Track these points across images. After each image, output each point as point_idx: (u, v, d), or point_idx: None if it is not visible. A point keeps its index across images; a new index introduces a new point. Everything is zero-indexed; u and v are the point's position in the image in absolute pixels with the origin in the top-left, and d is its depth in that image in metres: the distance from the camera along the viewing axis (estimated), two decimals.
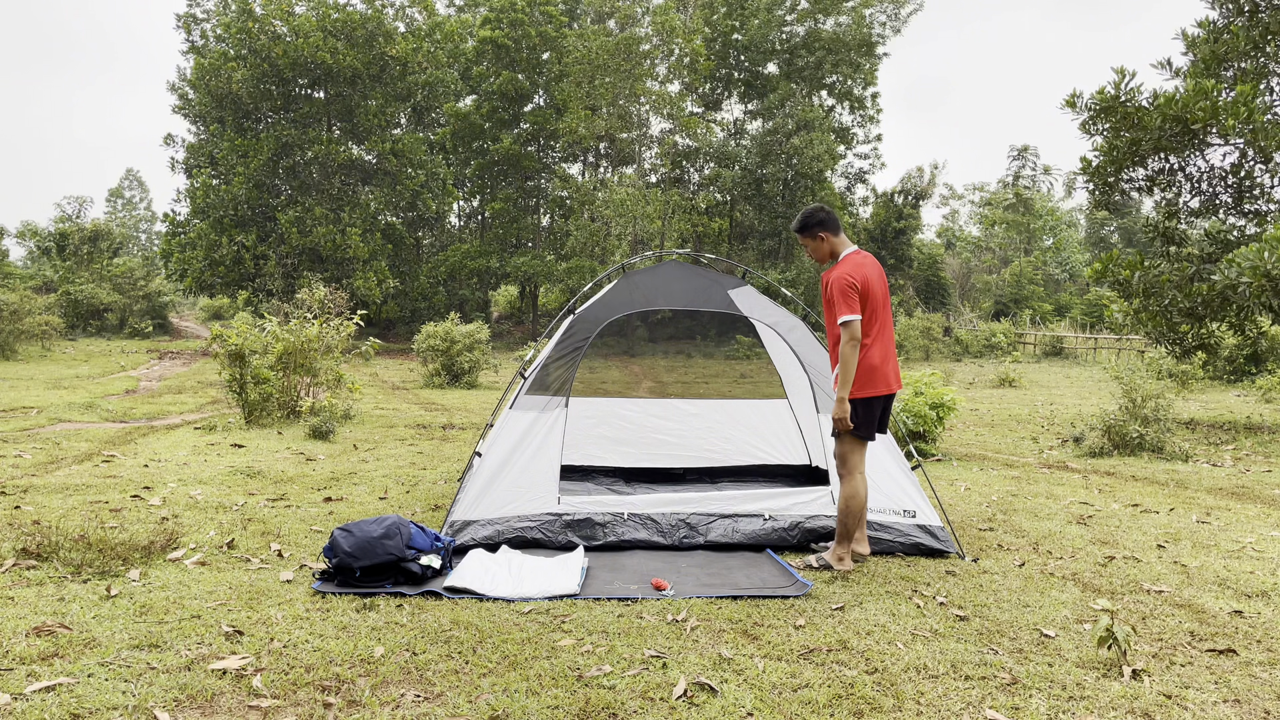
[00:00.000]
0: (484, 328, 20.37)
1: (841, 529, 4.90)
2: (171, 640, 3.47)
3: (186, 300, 52.86)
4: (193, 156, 36.96)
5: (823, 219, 5.01)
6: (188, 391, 16.47)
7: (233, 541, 5.02)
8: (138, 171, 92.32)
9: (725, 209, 41.71)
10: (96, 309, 37.37)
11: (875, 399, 4.83)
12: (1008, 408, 15.93)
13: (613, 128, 35.94)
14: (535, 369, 5.64)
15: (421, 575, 4.34)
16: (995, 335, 36.38)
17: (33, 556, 4.45)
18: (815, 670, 3.39)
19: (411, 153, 37.13)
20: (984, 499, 7.13)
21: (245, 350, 10.89)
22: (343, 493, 6.75)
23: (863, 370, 4.79)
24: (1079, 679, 3.37)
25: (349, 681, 3.18)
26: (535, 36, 38.16)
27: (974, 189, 58.68)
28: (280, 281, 33.22)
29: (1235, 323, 11.56)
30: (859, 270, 4.81)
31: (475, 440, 8.96)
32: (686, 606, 4.12)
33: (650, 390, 18.82)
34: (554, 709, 3.00)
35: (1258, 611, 4.27)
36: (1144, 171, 12.10)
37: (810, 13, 39.00)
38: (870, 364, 4.81)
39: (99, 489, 6.44)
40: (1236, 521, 6.38)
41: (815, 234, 5.03)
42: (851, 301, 4.71)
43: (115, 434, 9.98)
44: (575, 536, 5.17)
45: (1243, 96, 10.32)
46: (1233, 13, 12.06)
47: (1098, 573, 4.93)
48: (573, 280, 34.57)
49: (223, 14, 36.63)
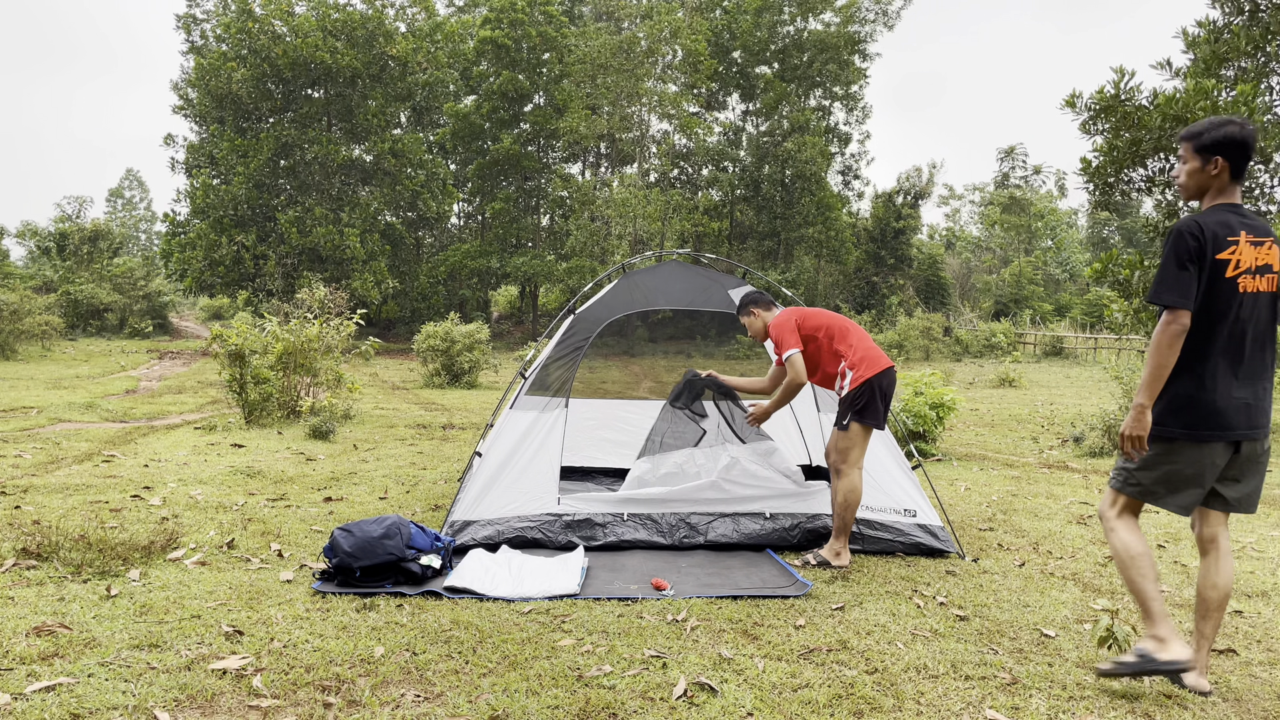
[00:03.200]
0: (484, 328, 20.37)
1: (840, 523, 4.92)
2: (171, 640, 3.47)
3: (186, 300, 52.83)
4: (193, 156, 36.95)
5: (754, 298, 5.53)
6: (188, 391, 16.47)
7: (233, 541, 5.02)
8: (138, 171, 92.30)
9: (725, 209, 41.73)
10: (96, 309, 37.35)
11: (873, 379, 4.93)
12: (1008, 408, 15.93)
13: (613, 127, 35.94)
14: (535, 369, 5.64)
15: (421, 575, 4.34)
16: (995, 335, 36.38)
17: (33, 556, 4.44)
18: (815, 670, 3.39)
19: (411, 153, 37.13)
20: (984, 499, 7.13)
21: (245, 350, 10.88)
22: (343, 493, 6.75)
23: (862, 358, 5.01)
24: (1079, 679, 3.37)
25: (349, 681, 3.18)
26: (535, 36, 38.17)
27: (974, 189, 58.74)
28: (280, 281, 33.22)
29: None
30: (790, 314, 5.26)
31: (475, 440, 8.96)
32: (686, 606, 4.12)
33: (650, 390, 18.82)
34: (554, 709, 3.00)
35: (1258, 611, 4.28)
36: (1144, 171, 12.10)
37: (799, 14, 39.06)
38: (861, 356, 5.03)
39: (99, 489, 6.44)
40: (1236, 521, 6.38)
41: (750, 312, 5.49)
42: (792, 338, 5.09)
43: (115, 434, 9.98)
44: (575, 536, 5.17)
45: (1243, 96, 10.31)
46: (1233, 12, 12.06)
47: (1098, 573, 4.93)
48: (573, 280, 34.58)
49: (222, 14, 36.62)
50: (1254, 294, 3.16)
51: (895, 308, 40.22)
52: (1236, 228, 3.17)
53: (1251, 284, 3.16)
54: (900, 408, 9.49)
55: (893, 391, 5.06)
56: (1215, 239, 3.13)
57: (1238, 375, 3.17)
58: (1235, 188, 3.26)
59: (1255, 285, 3.16)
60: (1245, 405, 3.18)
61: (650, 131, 38.20)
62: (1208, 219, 3.17)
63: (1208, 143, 3.22)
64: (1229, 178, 3.24)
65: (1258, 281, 3.17)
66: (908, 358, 31.26)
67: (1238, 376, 3.17)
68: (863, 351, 5.01)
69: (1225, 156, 3.21)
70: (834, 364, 5.11)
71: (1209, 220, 3.16)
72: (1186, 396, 3.17)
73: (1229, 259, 3.13)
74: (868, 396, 4.89)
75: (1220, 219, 3.17)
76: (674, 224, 35.09)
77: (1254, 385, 3.20)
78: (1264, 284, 3.18)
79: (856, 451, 4.91)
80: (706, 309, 6.22)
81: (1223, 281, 3.14)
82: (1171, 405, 3.19)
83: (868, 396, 4.89)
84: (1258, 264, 3.16)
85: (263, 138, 34.47)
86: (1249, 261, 3.15)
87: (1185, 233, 3.13)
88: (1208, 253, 3.12)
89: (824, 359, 5.17)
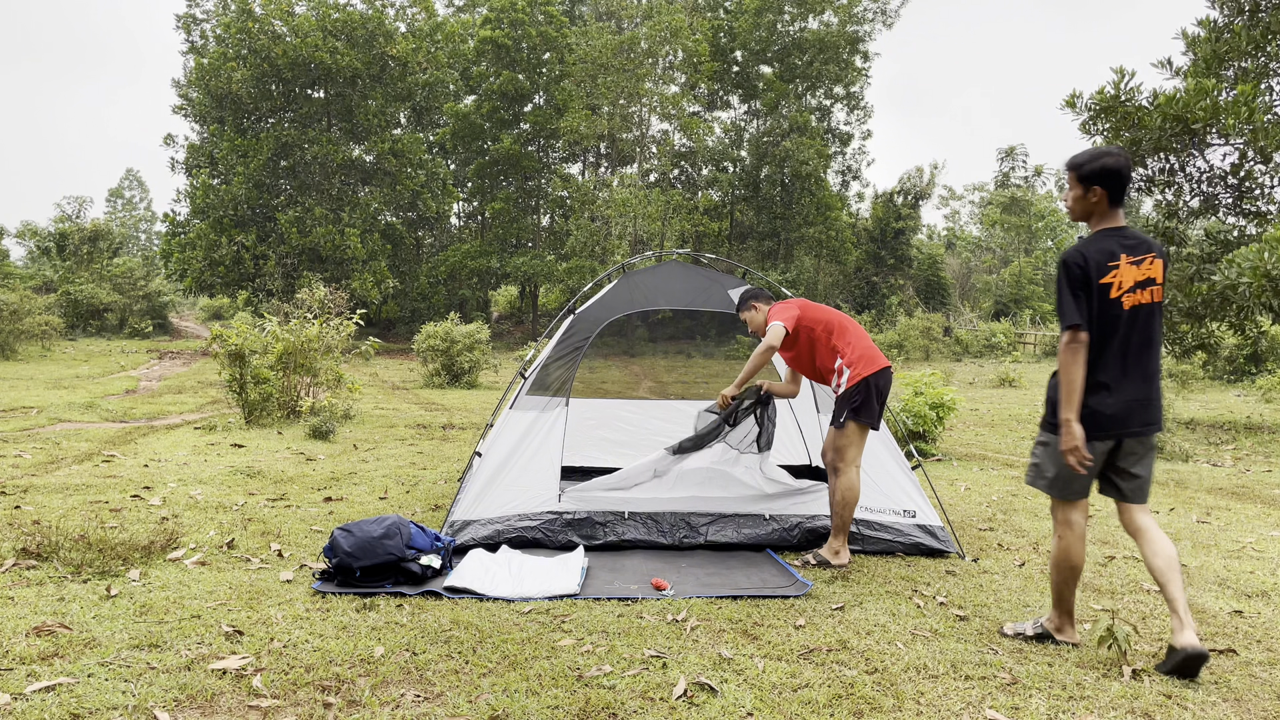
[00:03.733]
0: (484, 328, 20.37)
1: (838, 522, 4.93)
2: (171, 640, 3.47)
3: (186, 300, 52.84)
4: (193, 156, 36.95)
5: (755, 292, 5.56)
6: (188, 391, 16.47)
7: (233, 541, 5.02)
8: (138, 171, 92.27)
9: (725, 210, 41.73)
10: (96, 309, 37.35)
11: (870, 377, 4.91)
12: (1008, 408, 15.93)
13: (613, 127, 35.94)
14: (535, 369, 5.64)
15: (421, 575, 4.34)
16: (995, 335, 36.39)
17: (33, 556, 4.44)
18: (815, 670, 3.39)
19: (411, 153, 37.13)
20: (984, 499, 7.13)
21: (245, 350, 10.88)
22: (343, 493, 6.75)
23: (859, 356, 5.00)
24: (1079, 679, 3.37)
25: (349, 681, 3.18)
26: (535, 36, 38.16)
27: (974, 189, 58.73)
28: (280, 281, 33.21)
29: (1235, 323, 11.56)
30: (793, 303, 5.32)
31: (475, 440, 8.96)
32: (686, 606, 4.12)
33: (650, 390, 18.81)
34: (554, 709, 3.00)
35: (1258, 611, 4.28)
36: (1144, 171, 12.10)
37: (799, 15, 39.06)
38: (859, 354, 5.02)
39: (99, 489, 6.44)
40: (1236, 521, 6.39)
41: (750, 306, 5.50)
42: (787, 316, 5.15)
43: (115, 434, 9.98)
44: (575, 536, 5.17)
45: (1243, 96, 10.31)
46: (1233, 12, 12.06)
47: (1098, 573, 4.93)
48: (573, 280, 34.57)
49: (222, 14, 36.62)
50: (1136, 308, 3.50)
51: (895, 308, 40.22)
52: (1117, 252, 3.50)
53: (1135, 299, 3.50)
54: (900, 408, 9.49)
55: (889, 391, 5.06)
56: (1098, 266, 3.48)
57: (1130, 379, 3.52)
58: (1116, 212, 3.59)
59: (1138, 299, 3.50)
60: (1139, 403, 3.53)
61: (650, 131, 38.20)
62: (1090, 247, 3.52)
63: (1087, 173, 3.56)
64: (1108, 204, 3.57)
65: (1140, 295, 3.50)
66: (908, 358, 31.26)
67: (1130, 380, 3.52)
68: (860, 350, 5.01)
69: (1103, 185, 3.54)
70: (830, 359, 5.10)
71: (1091, 249, 3.51)
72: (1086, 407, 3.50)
73: (1111, 282, 3.48)
74: (864, 395, 4.89)
75: (1101, 246, 3.51)
76: (674, 224, 35.09)
77: (1147, 386, 3.54)
78: (1147, 296, 3.51)
79: (853, 450, 4.92)
80: (706, 309, 6.22)
81: (1109, 302, 3.48)
82: None
83: (864, 395, 4.89)
84: (1139, 280, 3.50)
85: (263, 138, 34.46)
86: (1130, 280, 3.49)
87: (1070, 263, 3.50)
88: (1092, 279, 3.47)
89: (819, 353, 5.17)
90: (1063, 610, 3.75)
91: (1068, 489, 3.64)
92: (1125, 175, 3.54)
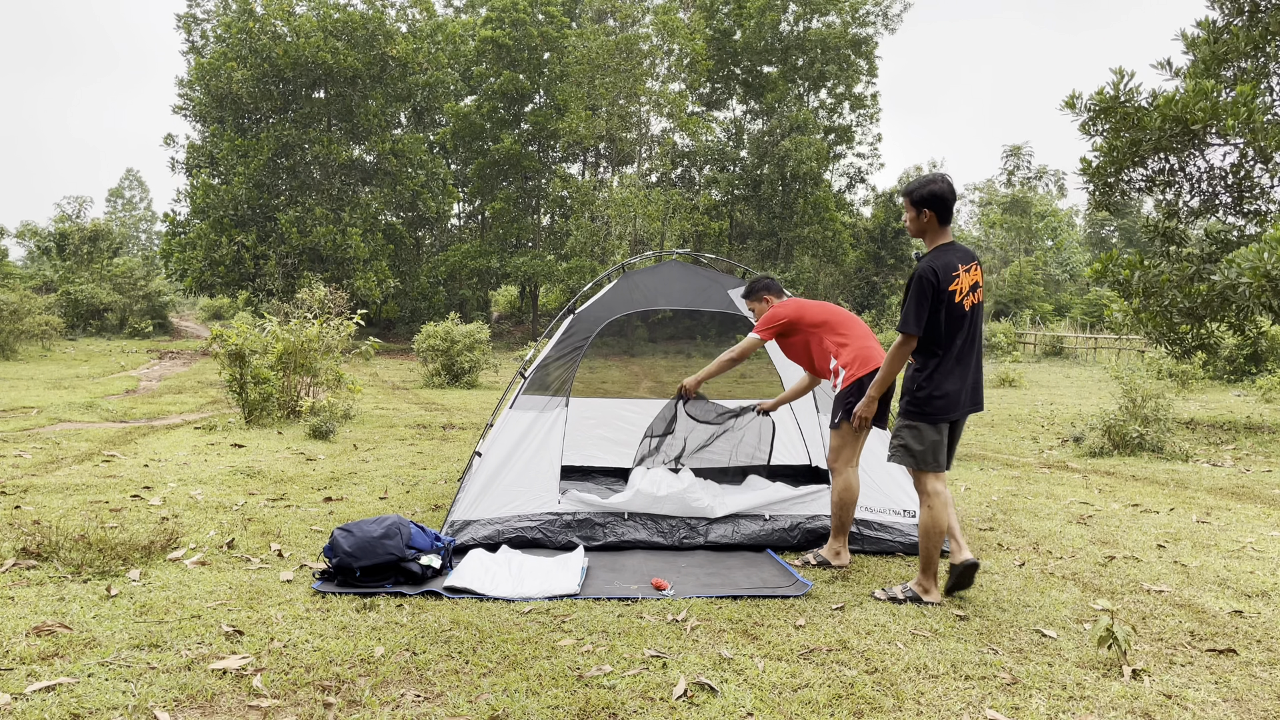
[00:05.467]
0: (484, 328, 20.36)
1: (838, 522, 4.93)
2: (171, 640, 3.47)
3: (186, 300, 52.86)
4: (193, 156, 36.95)
5: (767, 284, 5.57)
6: (188, 391, 16.47)
7: (233, 541, 5.02)
8: (138, 171, 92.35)
9: (725, 209, 41.71)
10: (96, 309, 37.36)
11: (865, 378, 4.89)
12: (1008, 408, 15.92)
13: (613, 127, 35.93)
14: (535, 369, 5.64)
15: (421, 575, 4.34)
16: (995, 335, 36.36)
17: (33, 556, 4.45)
18: (815, 670, 3.39)
19: (411, 153, 37.13)
20: (984, 499, 7.13)
21: (245, 350, 10.88)
22: (343, 493, 6.75)
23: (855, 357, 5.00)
24: (1079, 679, 3.37)
25: (349, 681, 3.18)
26: (536, 36, 38.16)
27: (974, 189, 58.69)
28: (280, 281, 33.22)
29: (1235, 323, 11.57)
30: (793, 304, 5.30)
31: (475, 440, 8.96)
32: (686, 606, 4.12)
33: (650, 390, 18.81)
34: (554, 709, 3.00)
35: (1258, 611, 4.27)
36: (1144, 171, 12.10)
37: (803, 14, 39.04)
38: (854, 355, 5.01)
39: (99, 489, 6.44)
40: (1236, 521, 6.39)
41: (761, 298, 5.50)
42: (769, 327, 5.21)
43: (115, 434, 9.98)
44: (575, 536, 5.17)
45: (1243, 96, 10.31)
46: (1233, 12, 12.06)
47: (1098, 573, 4.93)
48: (573, 280, 34.57)
49: (223, 14, 36.61)
50: (973, 307, 4.21)
51: (895, 308, 40.21)
52: (955, 264, 4.17)
53: (971, 300, 4.20)
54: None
55: (891, 393, 5.05)
56: (945, 277, 4.13)
57: (969, 368, 4.23)
58: (946, 229, 4.29)
59: (972, 300, 4.21)
60: (974, 387, 4.27)
61: (650, 131, 38.20)
62: (937, 261, 4.16)
63: (917, 198, 4.24)
64: (938, 223, 4.26)
65: (973, 297, 4.21)
66: None
67: (969, 369, 4.23)
68: (856, 350, 4.99)
69: (930, 208, 4.23)
70: (825, 360, 5.11)
71: (938, 263, 4.16)
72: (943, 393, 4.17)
73: (955, 289, 4.15)
74: (859, 396, 4.87)
75: (944, 260, 4.17)
76: (674, 224, 35.08)
77: (977, 373, 4.29)
78: (976, 298, 4.23)
79: (850, 450, 4.91)
80: (706, 309, 6.22)
81: (954, 305, 4.15)
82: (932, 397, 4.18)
83: (859, 396, 4.87)
84: (972, 284, 4.21)
85: (263, 138, 34.46)
86: (967, 285, 4.19)
87: (924, 277, 4.13)
88: (942, 288, 4.12)
89: (815, 352, 5.18)
90: (931, 574, 4.25)
91: (931, 462, 4.21)
92: (949, 199, 4.18)
